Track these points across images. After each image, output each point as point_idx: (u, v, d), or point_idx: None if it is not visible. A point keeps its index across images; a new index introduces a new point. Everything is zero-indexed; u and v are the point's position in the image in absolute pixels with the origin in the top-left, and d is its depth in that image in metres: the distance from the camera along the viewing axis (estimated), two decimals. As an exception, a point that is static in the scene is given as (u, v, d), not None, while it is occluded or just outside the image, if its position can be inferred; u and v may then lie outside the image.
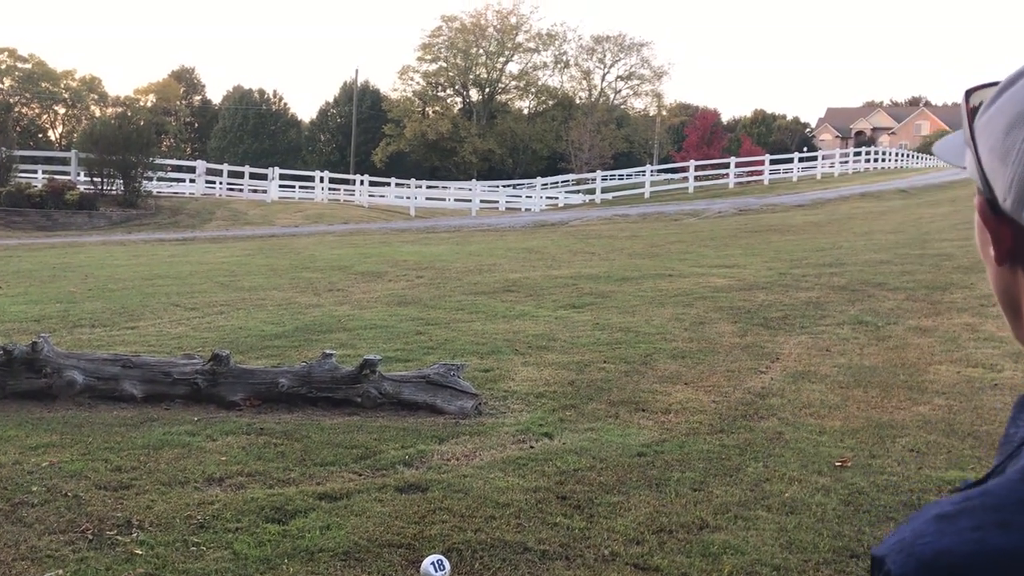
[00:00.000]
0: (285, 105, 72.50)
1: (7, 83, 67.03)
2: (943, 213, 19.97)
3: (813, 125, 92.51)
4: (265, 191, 33.02)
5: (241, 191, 34.56)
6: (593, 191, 36.06)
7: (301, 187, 37.50)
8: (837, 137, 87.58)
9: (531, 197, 36.51)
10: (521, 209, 34.74)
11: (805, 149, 59.36)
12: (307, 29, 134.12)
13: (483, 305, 9.95)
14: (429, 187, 38.54)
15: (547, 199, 36.76)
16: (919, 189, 28.68)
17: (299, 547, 3.79)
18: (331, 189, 37.53)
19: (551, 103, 66.96)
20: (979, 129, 0.74)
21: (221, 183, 35.07)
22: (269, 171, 33.69)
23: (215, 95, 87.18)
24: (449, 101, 67.87)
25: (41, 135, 68.05)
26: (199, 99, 77.91)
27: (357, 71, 72.92)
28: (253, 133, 67.60)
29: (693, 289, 10.78)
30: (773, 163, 38.09)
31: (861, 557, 3.74)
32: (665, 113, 69.39)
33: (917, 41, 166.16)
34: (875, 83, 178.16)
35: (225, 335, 8.32)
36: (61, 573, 3.55)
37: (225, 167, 35.62)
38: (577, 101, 67.08)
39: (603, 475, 4.67)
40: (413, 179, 36.25)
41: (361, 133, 63.07)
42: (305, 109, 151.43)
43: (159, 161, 29.87)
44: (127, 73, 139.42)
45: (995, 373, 6.79)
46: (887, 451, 5.08)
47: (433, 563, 3.45)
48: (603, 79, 67.75)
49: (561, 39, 67.44)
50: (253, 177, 35.18)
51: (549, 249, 16.07)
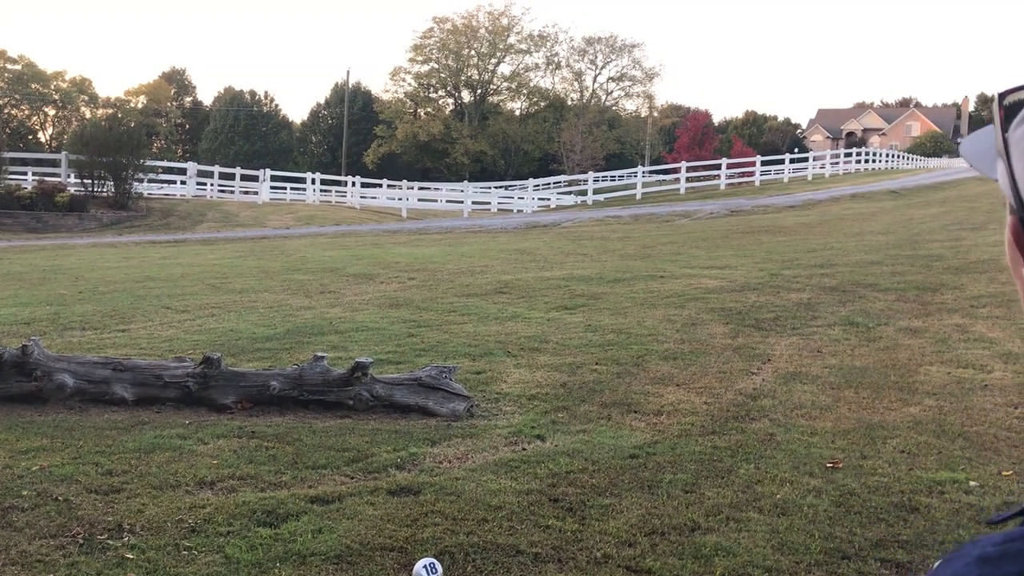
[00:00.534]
0: (276, 106, 72.49)
1: (-3, 84, 66.85)
2: (934, 214, 20.04)
3: (804, 126, 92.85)
4: (256, 193, 32.96)
5: (232, 193, 34.50)
6: (585, 192, 36.12)
7: (292, 189, 37.46)
8: (828, 138, 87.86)
9: (523, 198, 36.54)
10: (513, 210, 34.76)
11: (796, 150, 59.55)
12: (298, 30, 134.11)
13: (475, 307, 9.95)
14: (421, 188, 38.56)
15: (539, 200, 36.79)
16: (910, 190, 28.76)
17: (291, 551, 3.79)
18: (322, 191, 37.50)
19: (543, 104, 67.03)
20: (1015, 142, 0.65)
21: (212, 185, 35.03)
22: (260, 173, 33.64)
23: (206, 96, 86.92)
24: (441, 102, 67.90)
25: (31, 137, 67.84)
26: (190, 100, 77.78)
27: (348, 72, 72.66)
28: (244, 134, 67.47)
29: (685, 290, 10.80)
30: (764, 164, 38.21)
31: (852, 558, 3.75)
32: (656, 114, 69.58)
33: (907, 42, 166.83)
34: (866, 84, 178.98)
35: (216, 338, 8.30)
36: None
37: (216, 169, 35.59)
38: (569, 102, 67.18)
39: (595, 477, 4.68)
40: (405, 180, 36.25)
41: (353, 134, 63.01)
42: (296, 110, 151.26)
43: (150, 163, 29.82)
44: (118, 74, 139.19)
45: (985, 374, 6.81)
46: (878, 452, 5.10)
47: (425, 566, 3.45)
48: (595, 80, 67.95)
49: (552, 40, 67.61)
50: (244, 179, 35.13)
51: (541, 251, 16.08)
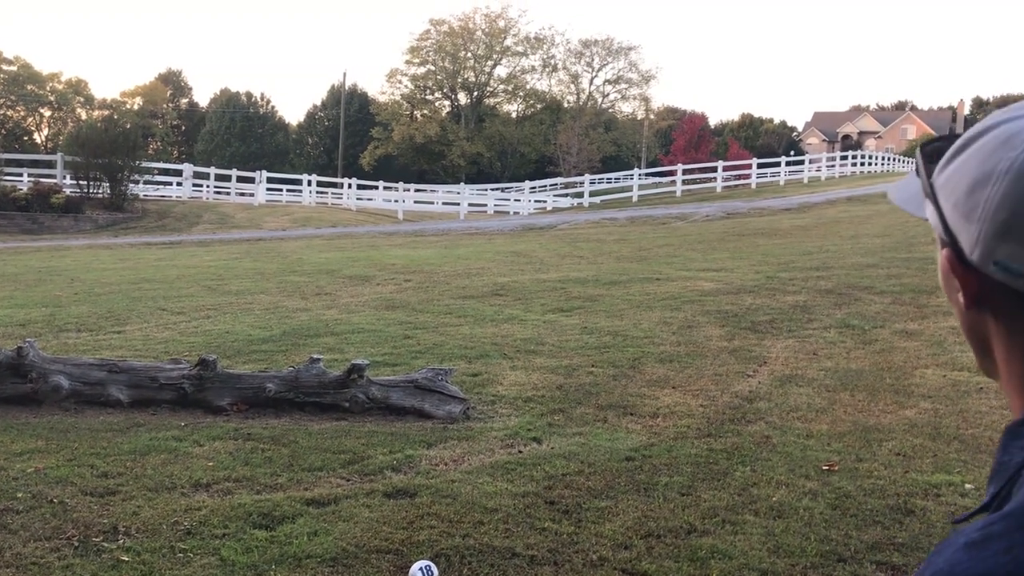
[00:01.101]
0: (273, 108, 72.41)
1: (-8, 85, 66.71)
2: (929, 217, 20.04)
3: (800, 129, 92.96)
4: (252, 194, 32.94)
5: (228, 194, 34.46)
6: (581, 195, 36.15)
7: (288, 190, 37.42)
8: (824, 141, 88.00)
9: (519, 201, 36.54)
10: (509, 213, 34.77)
11: (792, 153, 59.59)
12: (295, 32, 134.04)
13: (471, 309, 9.95)
14: (417, 190, 38.56)
15: (535, 203, 36.79)
16: (905, 193, 28.74)
17: (287, 553, 3.78)
18: (319, 192, 37.46)
19: (539, 107, 67.05)
20: (939, 185, 0.78)
21: (208, 186, 35.01)
22: (256, 174, 33.63)
23: (202, 98, 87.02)
24: (437, 104, 67.90)
25: (26, 138, 67.68)
26: (186, 102, 77.68)
27: (345, 74, 72.91)
28: (240, 136, 67.41)
29: (681, 293, 10.80)
30: (760, 167, 38.27)
31: (848, 561, 3.76)
32: (653, 117, 69.61)
33: (903, 46, 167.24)
34: (861, 87, 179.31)
35: (212, 339, 8.29)
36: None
37: (212, 170, 35.57)
38: (565, 105, 67.21)
39: (591, 480, 4.68)
40: (401, 182, 36.21)
41: (349, 136, 62.99)
42: (293, 112, 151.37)
43: (146, 164, 29.82)
44: (114, 76, 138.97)
45: (980, 377, 6.82)
46: (873, 455, 5.11)
47: (421, 569, 3.45)
48: (591, 83, 67.99)
49: (549, 43, 67.66)
50: (240, 180, 35.10)
51: (537, 253, 16.08)
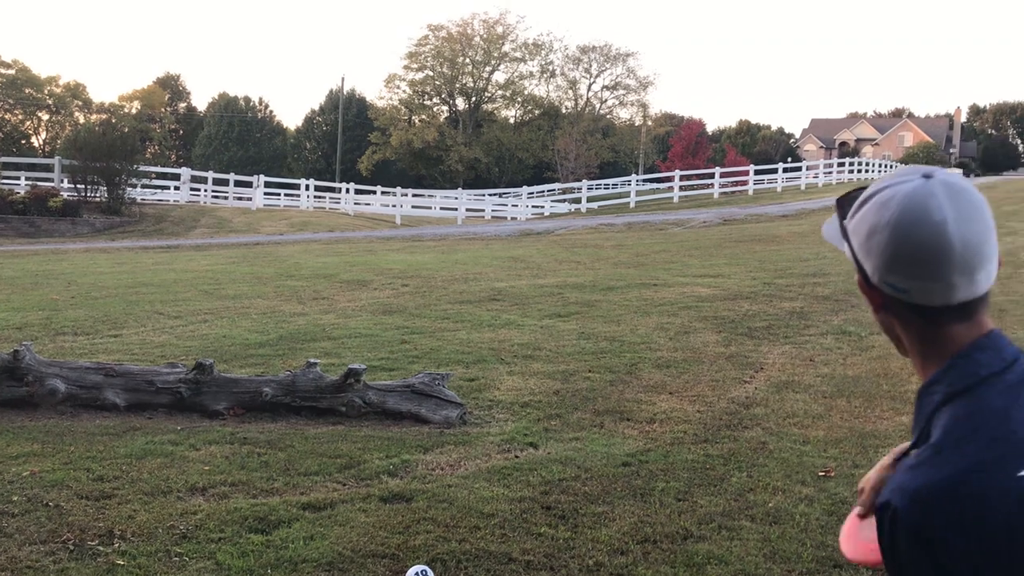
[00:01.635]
0: (271, 112, 72.45)
1: (-10, 89, 66.68)
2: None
3: (797, 136, 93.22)
4: (250, 199, 32.94)
5: (226, 199, 34.45)
6: (579, 200, 36.16)
7: (286, 195, 37.42)
8: (821, 148, 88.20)
9: (517, 206, 36.57)
10: (507, 218, 34.79)
11: (789, 159, 59.76)
12: (293, 37, 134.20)
13: (468, 314, 9.95)
14: (415, 195, 38.57)
15: (533, 208, 36.83)
16: (902, 200, 28.82)
17: (283, 557, 3.78)
18: (316, 197, 37.48)
19: (537, 112, 67.11)
20: (850, 229, 1.11)
21: (206, 191, 34.98)
22: (254, 179, 33.62)
23: (200, 102, 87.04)
24: (435, 110, 67.90)
25: (24, 141, 67.68)
26: (184, 106, 77.73)
27: (343, 79, 72.83)
28: (238, 140, 67.42)
29: (678, 299, 10.81)
30: (758, 173, 38.28)
31: (844, 567, 3.75)
32: (650, 123, 69.65)
33: (901, 53, 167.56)
34: (859, 94, 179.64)
35: (209, 344, 8.28)
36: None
37: (210, 174, 35.53)
38: (563, 110, 67.26)
39: (588, 485, 4.68)
40: (399, 187, 36.25)
41: (347, 141, 63.01)
42: (291, 117, 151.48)
43: (143, 168, 29.80)
44: (112, 79, 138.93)
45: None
46: (870, 461, 5.11)
47: (417, 573, 3.45)
48: (589, 89, 68.04)
49: (547, 49, 67.72)
50: (238, 185, 35.10)
51: (535, 258, 16.09)
